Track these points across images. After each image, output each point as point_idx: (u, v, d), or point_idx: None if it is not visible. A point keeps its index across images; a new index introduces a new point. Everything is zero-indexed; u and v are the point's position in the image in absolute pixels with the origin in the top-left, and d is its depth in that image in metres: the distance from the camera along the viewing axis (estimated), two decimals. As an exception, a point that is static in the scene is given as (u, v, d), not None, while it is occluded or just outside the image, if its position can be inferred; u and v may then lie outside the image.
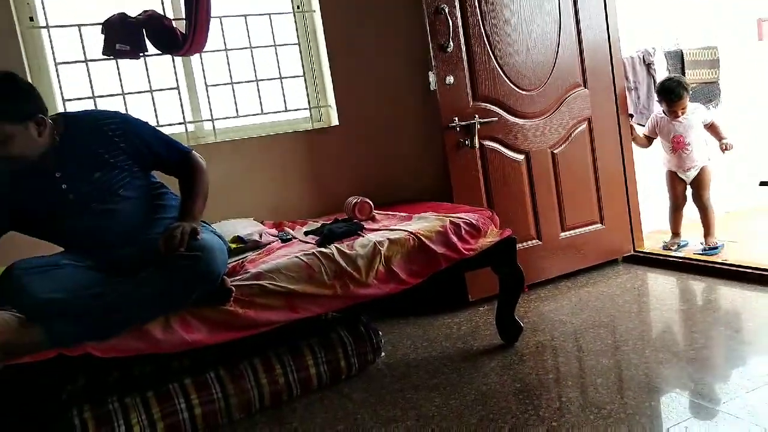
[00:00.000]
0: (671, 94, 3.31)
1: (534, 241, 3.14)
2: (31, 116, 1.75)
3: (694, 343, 2.25)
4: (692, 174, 3.42)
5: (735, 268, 2.91)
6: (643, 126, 3.59)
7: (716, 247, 3.34)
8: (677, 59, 3.84)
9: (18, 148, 1.75)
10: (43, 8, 2.64)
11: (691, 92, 3.44)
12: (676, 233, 3.55)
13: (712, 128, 3.42)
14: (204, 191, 2.00)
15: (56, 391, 1.97)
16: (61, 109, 2.67)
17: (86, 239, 1.90)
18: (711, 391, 1.91)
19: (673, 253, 3.34)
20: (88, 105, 2.75)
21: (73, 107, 2.71)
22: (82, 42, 2.70)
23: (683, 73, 3.78)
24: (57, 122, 1.86)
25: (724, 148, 3.37)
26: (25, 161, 1.79)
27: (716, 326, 2.40)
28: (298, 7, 3.13)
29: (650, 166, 3.63)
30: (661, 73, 3.67)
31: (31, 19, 2.65)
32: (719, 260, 3.08)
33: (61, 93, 2.69)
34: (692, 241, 3.50)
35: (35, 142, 1.78)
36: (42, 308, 1.69)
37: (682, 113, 3.33)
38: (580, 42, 3.19)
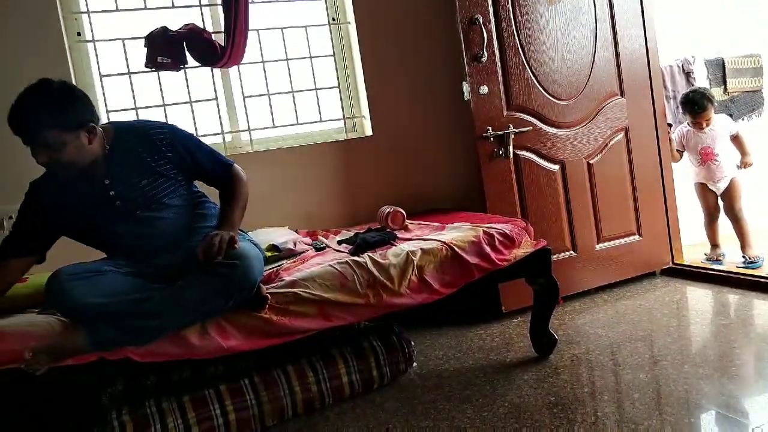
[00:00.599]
0: (695, 105, 3.30)
1: (569, 252, 3.10)
2: (82, 125, 1.82)
3: (735, 359, 2.19)
4: (722, 185, 3.39)
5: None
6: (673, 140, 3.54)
7: (757, 261, 3.25)
8: (718, 68, 3.76)
9: (69, 155, 1.81)
10: (90, 23, 2.75)
11: (728, 101, 3.39)
12: (715, 244, 3.50)
13: (736, 140, 3.39)
14: (243, 202, 2.04)
15: (97, 394, 2.02)
16: (105, 120, 2.76)
17: (130, 245, 1.96)
18: (752, 408, 1.85)
19: (712, 266, 3.27)
20: (130, 116, 2.84)
21: (116, 118, 2.80)
22: (125, 55, 2.80)
23: (724, 82, 3.71)
24: (107, 131, 1.93)
25: (744, 165, 3.35)
26: (76, 168, 1.85)
27: (758, 342, 2.33)
28: (334, 19, 3.17)
29: (689, 177, 3.56)
30: (701, 82, 3.60)
31: (79, 34, 2.75)
32: (761, 273, 2.99)
33: (105, 104, 2.79)
34: (731, 254, 3.42)
35: (86, 150, 1.84)
36: (84, 313, 1.75)
37: (707, 125, 3.30)
38: (616, 51, 3.15)
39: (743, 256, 3.35)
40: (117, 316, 1.75)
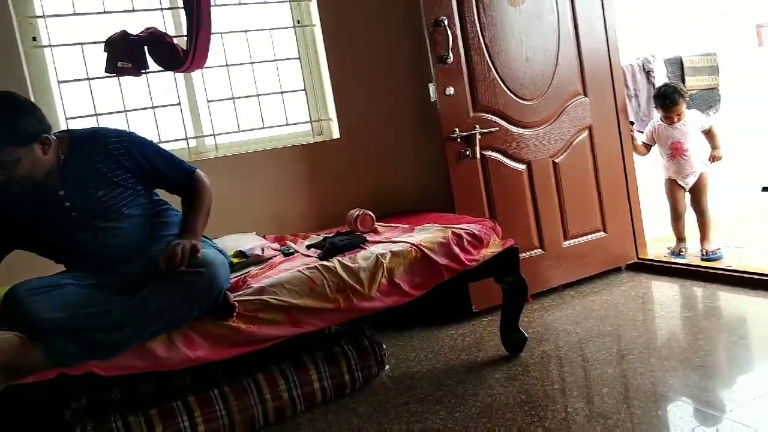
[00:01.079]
0: (666, 99, 3.36)
1: (537, 250, 3.14)
2: (36, 137, 1.77)
3: (700, 350, 2.24)
4: (691, 181, 3.45)
5: (739, 274, 2.89)
6: (641, 132, 3.61)
7: (716, 254, 3.34)
8: (677, 66, 3.85)
9: (25, 170, 1.76)
10: (46, 28, 2.67)
11: (688, 99, 3.47)
12: (680, 238, 3.57)
13: (709, 134, 3.45)
14: (206, 208, 2.00)
15: (59, 410, 1.96)
16: (63, 127, 2.69)
17: (89, 257, 1.91)
18: (717, 398, 1.89)
19: (676, 260, 3.34)
20: (90, 123, 2.77)
21: (75, 125, 2.73)
22: (84, 60, 2.73)
23: (683, 80, 3.79)
24: (62, 140, 1.88)
25: (713, 159, 3.43)
26: (32, 181, 1.80)
27: (721, 333, 2.39)
28: (299, 22, 3.15)
29: (652, 173, 3.63)
30: (661, 81, 3.68)
31: (34, 38, 2.67)
32: (723, 266, 3.07)
33: (64, 111, 2.72)
34: (693, 246, 3.51)
35: (41, 162, 1.79)
36: (44, 328, 1.69)
37: (678, 119, 3.37)
38: (579, 50, 3.20)
39: (701, 250, 3.43)
40: (78, 331, 1.70)
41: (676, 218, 3.56)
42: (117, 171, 1.90)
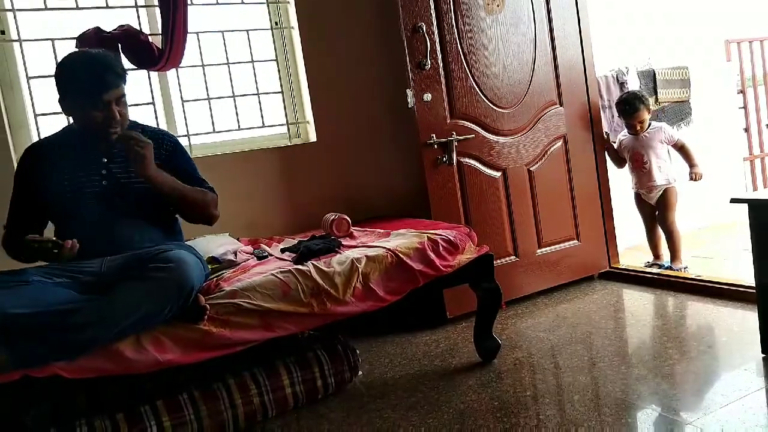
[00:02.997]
0: (627, 104, 3.31)
1: (511, 257, 3.16)
2: (125, 79, 1.93)
3: (669, 358, 2.27)
4: (654, 195, 3.35)
5: (707, 284, 2.95)
6: (614, 142, 3.62)
7: (681, 272, 3.28)
8: (650, 78, 3.93)
9: (127, 114, 1.96)
10: (16, 21, 2.60)
11: (653, 107, 3.42)
12: (656, 255, 3.48)
13: (682, 150, 3.33)
14: (201, 197, 2.09)
15: (19, 415, 1.89)
16: (33, 124, 2.63)
17: (90, 232, 1.89)
18: (685, 406, 1.92)
19: (647, 269, 3.37)
20: (61, 120, 2.70)
21: (45, 122, 2.66)
22: (55, 56, 2.66)
23: (656, 92, 3.86)
24: (122, 116, 1.96)
25: (693, 178, 3.30)
26: (121, 129, 1.93)
27: (690, 342, 2.43)
28: (276, 24, 3.13)
29: (626, 184, 3.67)
30: (635, 92, 3.74)
31: (3, 32, 2.60)
32: (692, 276, 3.12)
33: (33, 108, 2.65)
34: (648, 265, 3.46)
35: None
36: (5, 326, 1.63)
37: (641, 127, 3.30)
38: (555, 61, 3.24)
39: (670, 266, 3.38)
40: (42, 330, 1.65)
41: (648, 232, 3.49)
42: (157, 162, 1.96)
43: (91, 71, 1.86)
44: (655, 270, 3.32)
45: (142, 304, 1.74)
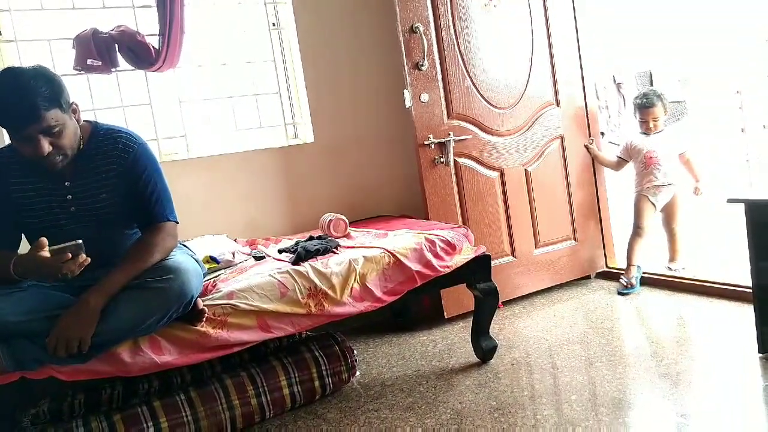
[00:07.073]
0: (644, 98, 3.21)
1: (508, 257, 3.16)
2: (69, 104, 1.73)
3: (665, 358, 2.28)
4: (662, 198, 3.23)
5: (704, 283, 2.96)
6: (617, 144, 3.58)
7: (680, 271, 3.26)
8: (646, 79, 3.94)
9: (68, 139, 1.72)
10: (12, 22, 2.59)
11: (667, 108, 3.31)
12: (631, 263, 3.22)
13: (687, 164, 3.26)
14: (144, 266, 1.78)
15: (18, 416, 1.90)
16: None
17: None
18: (683, 405, 1.92)
19: (643, 269, 3.35)
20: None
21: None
22: (51, 57, 2.66)
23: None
24: (84, 129, 1.84)
25: (696, 193, 3.25)
26: (67, 156, 1.74)
27: (686, 341, 2.44)
28: (274, 24, 3.13)
29: (624, 183, 3.66)
30: (631, 93, 3.76)
31: (0, 33, 2.59)
32: (689, 276, 3.12)
33: (30, 108, 2.63)
34: (646, 265, 3.29)
35: (76, 133, 1.76)
36: (3, 331, 1.63)
37: (654, 125, 3.26)
38: (552, 61, 3.25)
39: (667, 267, 3.31)
40: (39, 334, 1.64)
41: (636, 235, 3.23)
42: (117, 172, 1.84)
43: (5, 104, 1.62)
44: (631, 291, 3.16)
45: (143, 314, 1.72)
